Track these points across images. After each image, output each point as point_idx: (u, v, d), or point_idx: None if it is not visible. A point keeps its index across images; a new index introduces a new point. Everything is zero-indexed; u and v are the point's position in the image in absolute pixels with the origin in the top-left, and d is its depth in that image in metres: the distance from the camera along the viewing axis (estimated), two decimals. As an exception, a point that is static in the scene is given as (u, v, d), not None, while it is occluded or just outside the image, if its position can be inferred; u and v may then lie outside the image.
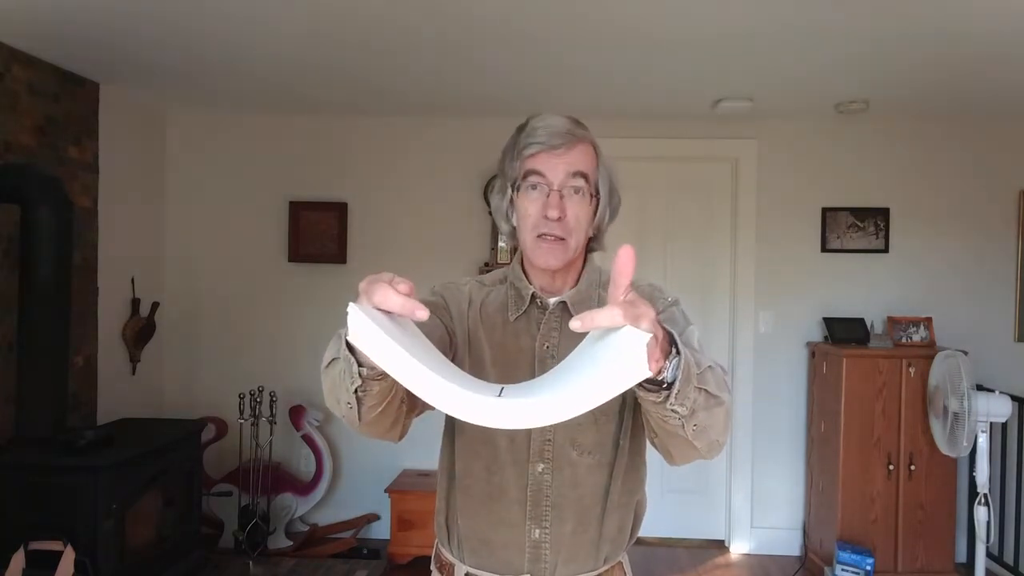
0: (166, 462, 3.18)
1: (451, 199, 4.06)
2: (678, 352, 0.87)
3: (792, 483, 4.00)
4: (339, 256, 4.06)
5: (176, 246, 4.14)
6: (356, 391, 0.91)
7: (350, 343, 0.86)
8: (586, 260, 1.27)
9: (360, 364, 0.88)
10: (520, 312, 1.23)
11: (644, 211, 4.04)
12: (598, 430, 1.19)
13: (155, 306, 3.87)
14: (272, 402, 3.81)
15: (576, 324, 0.79)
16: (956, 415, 3.21)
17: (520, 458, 1.19)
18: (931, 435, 3.43)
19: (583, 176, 1.16)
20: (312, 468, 3.93)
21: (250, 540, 3.62)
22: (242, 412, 3.71)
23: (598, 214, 1.21)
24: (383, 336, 0.76)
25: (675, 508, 4.05)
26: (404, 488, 3.74)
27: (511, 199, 1.21)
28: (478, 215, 4.04)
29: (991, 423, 3.28)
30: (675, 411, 0.89)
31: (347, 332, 0.84)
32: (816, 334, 3.96)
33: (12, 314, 2.89)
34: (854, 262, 3.96)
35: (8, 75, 2.93)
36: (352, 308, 0.79)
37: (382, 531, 3.96)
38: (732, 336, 4.04)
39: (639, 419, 1.18)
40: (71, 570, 2.58)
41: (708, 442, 0.98)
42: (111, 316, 3.62)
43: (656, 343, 0.80)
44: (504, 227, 1.26)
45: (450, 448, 1.26)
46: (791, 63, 3.01)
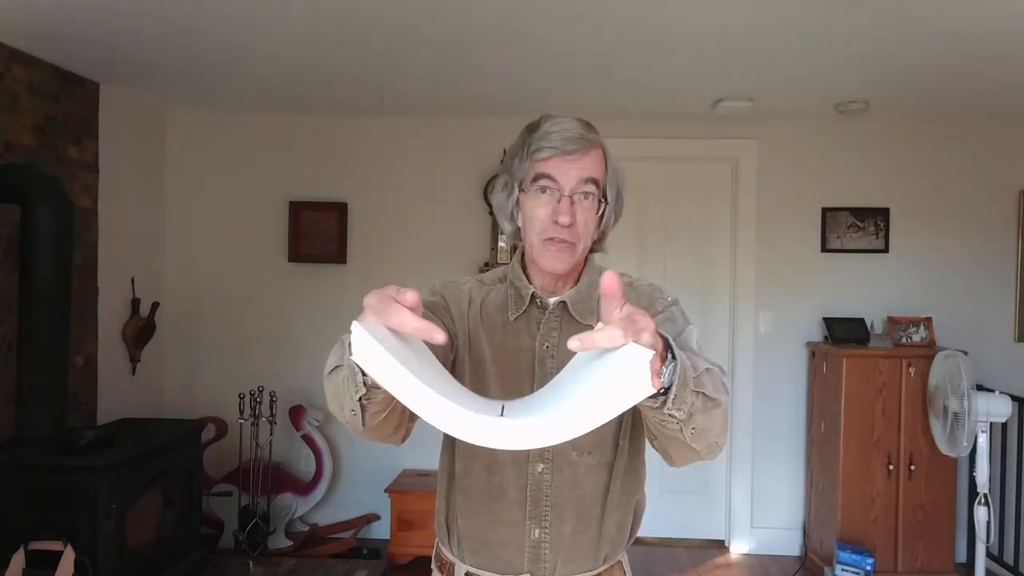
0: (166, 462, 3.18)
1: (451, 199, 4.06)
2: (674, 357, 0.86)
3: (792, 483, 4.00)
4: (339, 256, 4.06)
5: (176, 246, 4.14)
6: (360, 399, 0.92)
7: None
8: (586, 260, 1.26)
9: (364, 373, 0.88)
10: (520, 312, 1.23)
11: (644, 211, 4.04)
12: (597, 430, 1.18)
13: (155, 306, 3.88)
14: (272, 402, 3.82)
15: (575, 344, 0.78)
16: (956, 415, 3.21)
17: (520, 458, 1.19)
18: (931, 435, 3.43)
19: (594, 182, 1.16)
20: (312, 468, 3.93)
21: (250, 540, 3.62)
22: (242, 412, 3.72)
23: (605, 218, 1.21)
24: (388, 358, 0.75)
25: (675, 508, 4.05)
26: (404, 488, 3.74)
27: (517, 199, 1.21)
28: (478, 215, 4.04)
29: (991, 423, 3.28)
30: (672, 415, 0.89)
31: (349, 341, 0.86)
32: (816, 334, 3.96)
33: (12, 314, 2.89)
34: (854, 262, 3.96)
35: (8, 75, 2.93)
36: (356, 327, 0.77)
37: (382, 531, 3.97)
38: (732, 336, 4.04)
39: (639, 419, 1.18)
40: (71, 570, 2.58)
41: (707, 444, 0.98)
42: (111, 316, 3.62)
43: (656, 355, 0.80)
44: (507, 226, 1.25)
45: (450, 448, 1.27)
46: (791, 63, 3.01)
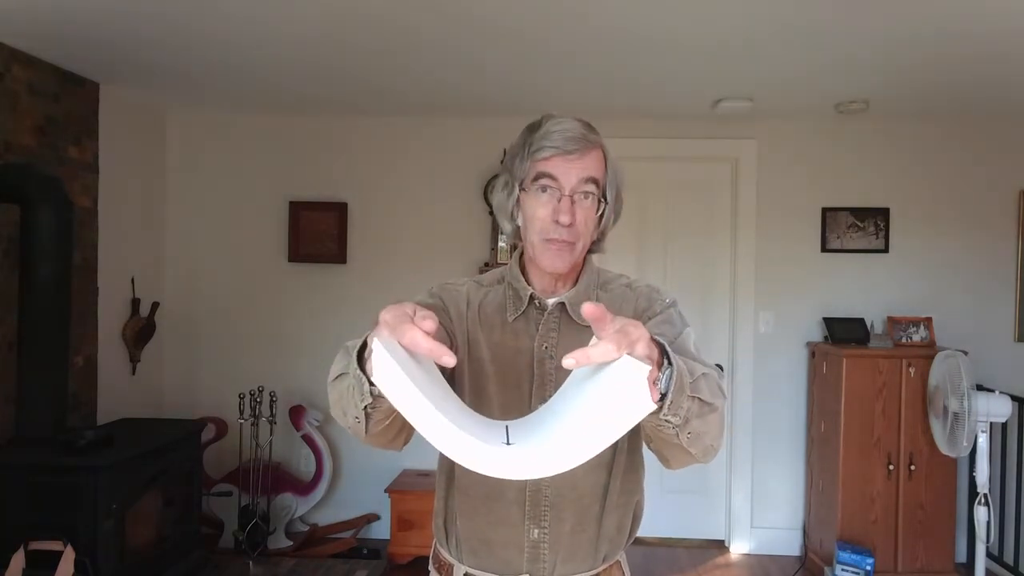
0: (166, 462, 3.18)
1: (451, 199, 4.06)
2: (670, 363, 0.86)
3: (792, 483, 4.00)
4: (339, 256, 4.06)
5: (176, 246, 4.14)
6: (366, 408, 0.92)
7: (364, 367, 0.89)
8: (585, 261, 1.27)
9: (372, 383, 0.88)
10: (519, 313, 1.23)
11: (644, 211, 4.04)
12: None
13: (155, 306, 3.88)
14: (272, 402, 3.82)
15: (569, 362, 0.77)
16: (956, 415, 3.21)
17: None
18: (931, 435, 3.43)
19: (594, 182, 1.17)
20: (312, 468, 3.93)
21: (250, 540, 3.62)
22: (242, 412, 3.72)
23: (604, 218, 1.21)
24: (407, 381, 0.74)
25: (675, 508, 4.05)
26: (404, 488, 3.74)
27: (518, 198, 1.21)
28: (478, 215, 4.04)
29: (991, 423, 3.28)
30: (668, 420, 0.89)
31: (356, 346, 0.91)
32: (816, 334, 3.96)
33: (12, 314, 2.89)
34: (854, 262, 3.96)
35: (8, 75, 2.93)
36: (377, 347, 0.76)
37: (382, 531, 3.97)
38: (732, 336, 4.04)
39: (638, 420, 1.18)
40: (71, 570, 2.58)
41: (703, 448, 0.99)
42: (111, 316, 3.62)
43: (653, 365, 0.79)
44: (507, 226, 1.26)
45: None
46: (791, 63, 3.01)
